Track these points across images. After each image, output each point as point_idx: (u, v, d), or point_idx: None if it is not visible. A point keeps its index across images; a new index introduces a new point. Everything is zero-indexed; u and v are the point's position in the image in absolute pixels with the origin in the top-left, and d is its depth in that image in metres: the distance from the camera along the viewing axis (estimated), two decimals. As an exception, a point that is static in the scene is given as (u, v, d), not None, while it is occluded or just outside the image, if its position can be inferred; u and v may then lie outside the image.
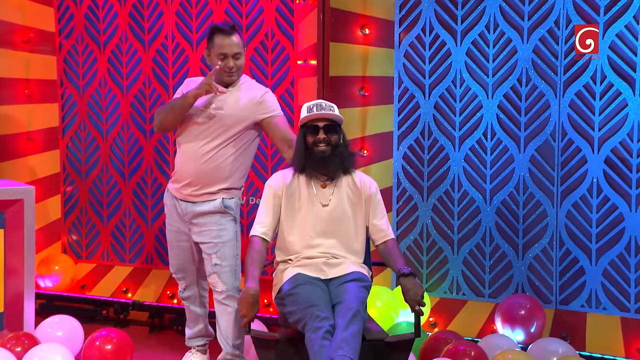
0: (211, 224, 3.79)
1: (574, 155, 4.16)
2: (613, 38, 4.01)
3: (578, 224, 4.17)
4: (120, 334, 4.04)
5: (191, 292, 4.02)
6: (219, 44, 3.71)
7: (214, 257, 3.78)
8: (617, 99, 4.04)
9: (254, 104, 3.75)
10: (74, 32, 5.33)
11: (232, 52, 3.71)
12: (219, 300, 3.81)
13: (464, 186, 4.42)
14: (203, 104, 3.76)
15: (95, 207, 5.38)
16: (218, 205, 3.78)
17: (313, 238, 3.43)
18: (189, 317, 4.08)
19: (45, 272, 5.23)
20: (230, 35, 3.72)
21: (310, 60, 4.59)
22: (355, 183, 3.51)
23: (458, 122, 4.42)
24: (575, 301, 4.19)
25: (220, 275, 3.78)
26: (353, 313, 3.12)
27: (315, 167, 3.45)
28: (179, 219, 3.88)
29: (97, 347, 3.94)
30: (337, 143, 3.44)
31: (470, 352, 3.65)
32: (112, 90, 5.26)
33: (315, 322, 3.10)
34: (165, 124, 3.82)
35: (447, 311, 4.45)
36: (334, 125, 3.43)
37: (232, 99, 3.75)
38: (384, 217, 3.53)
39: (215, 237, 3.79)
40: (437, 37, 4.42)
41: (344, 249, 3.45)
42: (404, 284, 3.26)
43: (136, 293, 5.14)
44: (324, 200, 3.46)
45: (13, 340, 3.92)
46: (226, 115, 3.73)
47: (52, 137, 5.44)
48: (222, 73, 3.74)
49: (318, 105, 3.44)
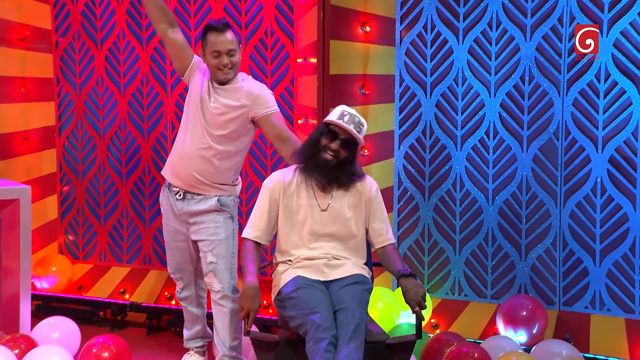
0: (208, 222, 3.77)
1: (578, 154, 4.13)
2: (617, 36, 3.98)
3: (582, 224, 4.14)
4: (117, 340, 3.96)
5: (189, 292, 4.00)
6: (212, 41, 3.67)
7: (209, 255, 3.76)
8: (622, 97, 4.01)
9: (250, 101, 3.71)
10: (70, 29, 5.29)
11: (226, 49, 3.67)
12: (215, 301, 3.79)
13: (466, 186, 4.39)
14: (199, 101, 3.73)
15: (93, 207, 5.34)
16: (214, 204, 3.76)
17: (311, 241, 3.40)
18: (187, 318, 4.05)
19: (42, 273, 5.20)
20: (224, 32, 3.68)
21: (310, 58, 4.56)
22: (356, 185, 3.46)
23: (460, 120, 4.38)
24: (579, 302, 4.16)
25: (216, 274, 3.75)
26: (356, 325, 3.09)
27: (314, 169, 3.39)
28: (175, 219, 3.85)
29: (94, 355, 3.87)
30: (345, 160, 3.38)
31: (472, 354, 3.62)
32: (110, 89, 5.23)
33: (317, 333, 3.06)
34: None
35: (449, 312, 4.42)
36: (352, 143, 3.37)
37: (229, 98, 3.71)
38: (383, 220, 3.48)
39: (211, 234, 3.76)
40: (438, 35, 4.39)
41: (345, 250, 3.41)
42: (403, 284, 3.22)
43: (134, 294, 5.10)
44: (323, 203, 3.41)
45: (10, 342, 3.88)
46: (223, 114, 3.70)
47: (49, 136, 5.41)
48: (217, 71, 3.69)
49: (351, 117, 3.36)
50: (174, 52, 3.85)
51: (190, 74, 3.83)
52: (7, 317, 4.23)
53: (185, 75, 3.84)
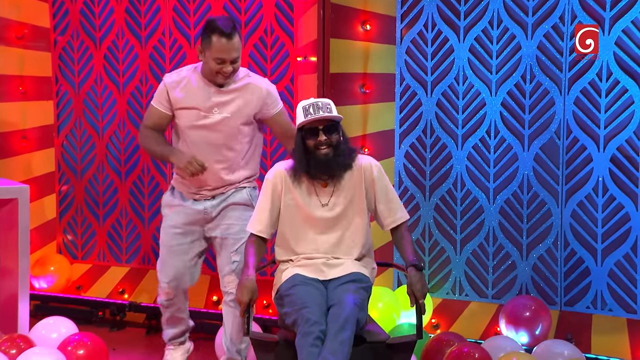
0: (235, 218, 3.70)
1: (579, 153, 4.11)
2: (619, 34, 3.96)
3: (583, 223, 4.12)
4: (93, 337, 3.94)
5: (178, 303, 3.85)
6: (218, 47, 3.48)
7: (234, 254, 3.69)
8: (623, 96, 3.99)
9: (260, 100, 3.66)
10: (69, 28, 5.27)
11: (231, 57, 3.52)
12: (228, 302, 3.74)
13: (467, 185, 4.37)
14: (205, 110, 3.62)
15: (91, 206, 5.32)
16: (246, 197, 3.72)
17: (313, 237, 3.38)
18: (171, 320, 3.90)
19: (40, 273, 5.18)
20: (232, 38, 3.49)
21: (310, 56, 4.54)
22: (353, 173, 3.41)
23: (461, 119, 4.36)
24: (580, 302, 4.14)
25: (237, 273, 3.67)
26: (344, 319, 3.07)
27: (319, 171, 3.36)
28: (187, 219, 3.72)
29: (70, 352, 3.84)
30: (338, 142, 3.36)
31: (473, 354, 3.60)
32: (108, 88, 5.21)
33: (306, 327, 3.06)
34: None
35: (450, 312, 4.40)
36: (333, 124, 3.34)
37: (238, 101, 3.63)
38: (391, 200, 3.44)
39: (238, 232, 3.69)
40: (439, 33, 4.37)
41: (346, 247, 3.39)
42: (413, 275, 3.22)
43: (133, 294, 5.08)
44: (324, 199, 3.39)
45: (8, 342, 3.86)
46: (233, 119, 3.62)
47: (47, 135, 5.39)
48: (217, 76, 3.57)
49: (314, 106, 3.30)
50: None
51: (173, 106, 3.68)
52: (5, 317, 4.23)
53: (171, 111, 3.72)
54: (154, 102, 3.74)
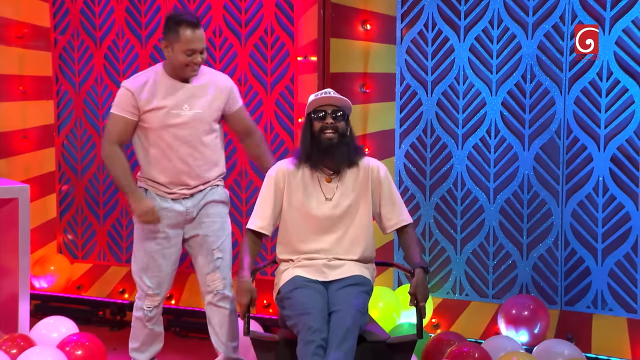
0: (215, 216, 3.69)
1: (580, 153, 4.11)
2: (620, 34, 3.96)
3: (584, 223, 4.12)
4: (91, 338, 3.94)
5: (158, 310, 3.76)
6: (187, 38, 3.47)
7: (216, 251, 3.67)
8: (624, 95, 3.99)
9: (226, 95, 3.65)
10: (69, 27, 5.27)
11: (201, 47, 3.51)
12: (213, 303, 3.70)
13: (467, 185, 4.36)
14: (175, 107, 3.57)
15: (92, 206, 5.32)
16: (223, 194, 3.72)
17: (316, 234, 3.36)
18: (148, 337, 3.75)
19: (41, 273, 5.18)
20: (198, 28, 3.50)
21: (310, 56, 4.54)
22: (360, 172, 3.40)
23: (461, 119, 4.36)
24: (580, 302, 4.14)
25: (221, 270, 3.68)
26: (347, 329, 3.05)
27: (322, 157, 3.34)
28: (169, 222, 3.64)
29: (68, 353, 3.84)
30: (345, 132, 3.35)
31: (473, 353, 3.60)
32: (109, 87, 5.20)
33: (308, 334, 3.04)
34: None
35: (450, 312, 4.40)
36: (342, 112, 3.35)
37: (207, 97, 3.60)
38: (395, 203, 3.43)
39: (219, 229, 3.69)
40: (439, 33, 4.36)
41: (348, 247, 3.37)
42: (419, 276, 3.21)
43: (133, 293, 5.06)
44: (329, 194, 3.37)
45: (9, 342, 3.87)
46: (205, 114, 3.60)
47: (48, 135, 5.39)
48: (185, 68, 3.52)
49: (325, 92, 3.38)
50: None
51: (141, 110, 3.57)
52: (5, 316, 4.22)
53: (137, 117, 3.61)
54: (117, 111, 3.59)
